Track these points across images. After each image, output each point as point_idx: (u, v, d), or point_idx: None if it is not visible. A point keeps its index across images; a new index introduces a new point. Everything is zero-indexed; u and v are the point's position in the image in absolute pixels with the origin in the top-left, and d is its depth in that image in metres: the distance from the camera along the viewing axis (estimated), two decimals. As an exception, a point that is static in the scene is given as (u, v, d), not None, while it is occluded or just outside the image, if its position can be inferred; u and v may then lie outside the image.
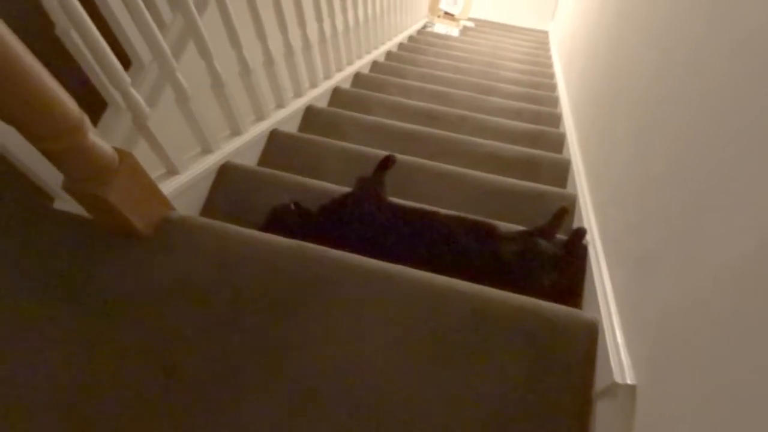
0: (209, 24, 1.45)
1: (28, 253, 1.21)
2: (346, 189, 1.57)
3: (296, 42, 2.01)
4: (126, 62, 1.38)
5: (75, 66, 1.19)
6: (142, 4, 1.14)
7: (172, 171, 1.37)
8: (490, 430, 1.01)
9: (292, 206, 1.44)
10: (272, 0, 1.76)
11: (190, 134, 1.46)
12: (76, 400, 1.03)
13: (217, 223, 1.26)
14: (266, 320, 1.12)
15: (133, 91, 1.12)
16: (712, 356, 0.63)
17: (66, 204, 1.19)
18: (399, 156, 1.88)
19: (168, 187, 1.33)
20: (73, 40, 1.06)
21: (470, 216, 1.46)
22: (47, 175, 1.13)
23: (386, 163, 1.74)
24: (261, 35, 1.70)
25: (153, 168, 1.30)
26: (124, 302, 1.14)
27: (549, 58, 4.71)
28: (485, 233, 1.43)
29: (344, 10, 2.55)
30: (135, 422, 1.02)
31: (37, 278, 1.17)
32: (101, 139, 0.97)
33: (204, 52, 1.40)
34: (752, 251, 0.59)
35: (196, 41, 1.38)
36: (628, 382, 0.90)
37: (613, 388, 0.93)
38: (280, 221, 1.40)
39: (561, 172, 2.12)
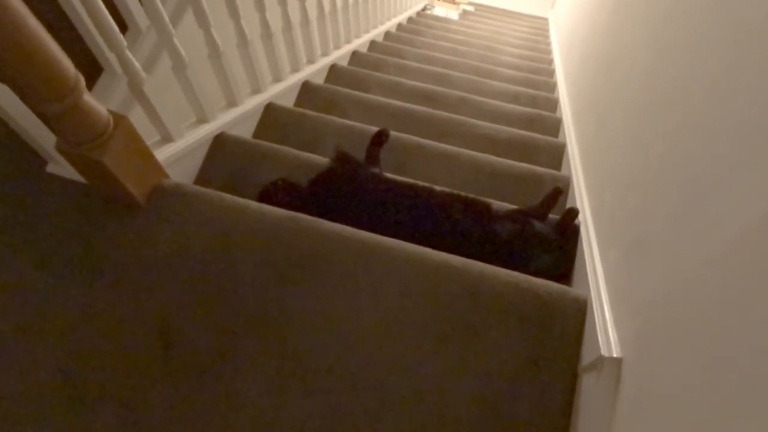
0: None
1: (23, 219, 1.20)
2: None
3: (295, 16, 2.00)
4: (123, 27, 1.37)
5: (71, 27, 1.18)
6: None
7: (166, 138, 1.36)
8: (484, 405, 1.03)
9: (280, 183, 1.44)
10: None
11: (186, 103, 1.45)
12: (76, 367, 1.04)
13: (213, 192, 1.26)
14: (262, 292, 1.12)
15: (129, 54, 1.12)
16: (701, 334, 0.64)
17: (59, 168, 1.18)
18: (396, 135, 1.88)
19: (163, 154, 1.32)
20: (70, 2, 1.05)
21: (464, 193, 1.46)
22: (42, 137, 1.12)
23: (379, 138, 1.73)
24: (260, 6, 1.69)
25: (148, 135, 1.29)
26: (121, 271, 1.14)
27: (548, 44, 4.69)
28: (480, 211, 1.43)
29: (344, -14, 2.53)
30: (133, 390, 1.03)
31: (34, 246, 1.17)
32: (96, 102, 0.96)
33: (202, 21, 1.39)
34: (744, 234, 0.60)
35: (195, 9, 1.36)
36: (615, 355, 0.91)
37: (599, 362, 0.94)
38: (269, 198, 1.40)
39: (556, 155, 2.13)
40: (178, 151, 1.38)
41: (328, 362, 1.05)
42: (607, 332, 0.98)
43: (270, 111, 1.95)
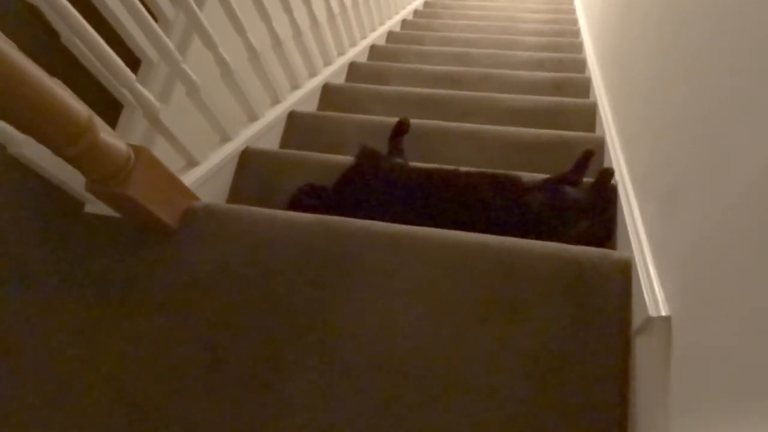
0: (212, 14, 1.46)
1: (70, 259, 1.26)
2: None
3: (303, 21, 2.01)
4: (137, 61, 1.42)
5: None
6: (139, 5, 1.16)
7: (192, 162, 1.40)
8: (535, 381, 1.01)
9: (306, 188, 1.45)
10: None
11: (206, 124, 1.48)
12: (135, 393, 1.08)
13: (241, 208, 1.29)
14: (300, 298, 1.14)
15: (139, 87, 1.15)
16: (745, 279, 0.61)
17: (96, 207, 1.23)
18: (419, 121, 1.87)
19: (190, 178, 1.36)
20: (78, 46, 1.09)
21: (491, 170, 1.44)
22: (74, 180, 1.17)
23: (400, 128, 1.73)
24: (265, 17, 1.71)
25: (174, 161, 1.33)
26: (164, 295, 1.18)
27: (571, 3, 4.56)
28: (509, 186, 1.41)
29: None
30: (190, 410, 1.06)
31: (81, 283, 1.22)
32: (113, 138, 1.00)
33: (209, 43, 1.41)
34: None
35: (200, 34, 1.39)
36: (663, 314, 0.89)
37: (649, 323, 0.91)
38: (299, 207, 1.42)
39: (588, 117, 2.07)
40: (205, 173, 1.42)
41: (372, 358, 1.06)
42: (653, 291, 0.95)
43: (293, 119, 1.98)
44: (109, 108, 1.35)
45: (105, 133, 0.96)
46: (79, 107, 0.88)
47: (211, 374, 1.08)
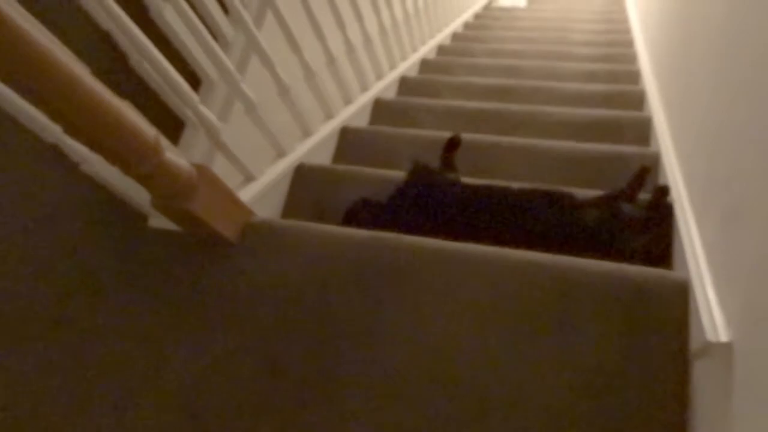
0: (269, 34, 1.51)
1: (137, 272, 1.31)
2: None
3: (356, 37, 2.04)
4: (198, 80, 1.47)
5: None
6: (202, 26, 1.21)
7: (249, 178, 1.44)
8: (590, 398, 1.00)
9: (360, 203, 1.47)
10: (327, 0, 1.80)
11: (263, 141, 1.52)
12: (195, 401, 1.12)
13: (297, 223, 1.32)
14: (355, 312, 1.16)
15: (202, 108, 1.20)
16: None
17: (159, 221, 1.28)
18: (471, 136, 1.87)
19: (247, 194, 1.40)
20: (145, 68, 1.14)
21: (544, 187, 1.44)
22: (139, 196, 1.23)
23: (452, 143, 1.73)
24: (319, 35, 1.75)
25: (232, 177, 1.38)
26: (224, 307, 1.21)
27: (624, 12, 4.48)
28: (562, 202, 1.40)
29: (402, -2, 2.55)
30: (247, 420, 1.08)
31: (148, 294, 1.27)
32: (178, 157, 1.04)
33: (266, 63, 1.46)
34: None
35: (258, 54, 1.44)
36: (722, 340, 0.86)
37: (708, 348, 0.89)
38: (353, 221, 1.44)
39: (642, 131, 2.03)
40: (261, 188, 1.46)
41: (427, 374, 1.07)
42: (711, 315, 0.92)
43: (345, 134, 2.01)
44: (172, 126, 1.40)
45: (170, 153, 1.01)
46: (146, 128, 0.93)
47: (270, 386, 1.10)
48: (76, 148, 1.12)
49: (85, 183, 1.21)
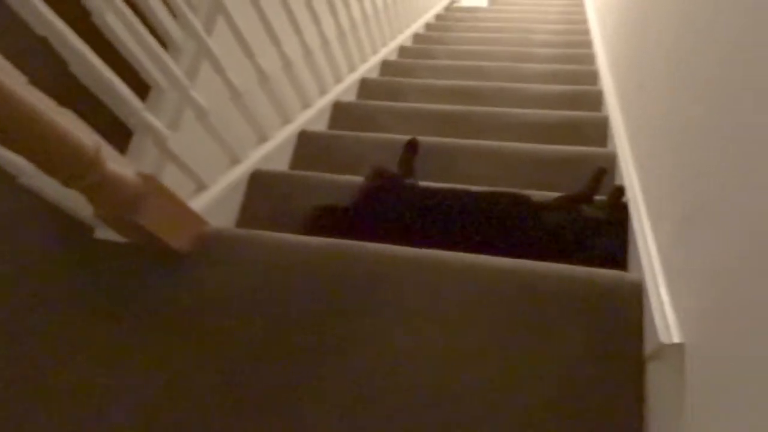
0: (221, 39, 1.47)
1: (88, 284, 1.27)
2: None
3: (313, 40, 2.02)
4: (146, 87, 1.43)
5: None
6: (146, 33, 1.18)
7: (201, 186, 1.40)
8: (558, 408, 1.00)
9: (319, 209, 1.45)
10: (281, 2, 1.77)
11: (216, 148, 1.49)
12: (153, 417, 1.08)
13: (252, 232, 1.29)
14: (315, 322, 1.14)
15: (147, 115, 1.16)
16: (760, 306, 0.59)
17: (106, 233, 1.24)
18: (433, 139, 1.87)
19: (200, 202, 1.36)
20: (84, 75, 1.10)
21: (503, 189, 1.43)
22: (81, 207, 1.18)
23: (410, 147, 1.72)
24: (274, 40, 1.72)
25: (184, 185, 1.34)
26: (180, 320, 1.18)
27: (584, 14, 4.54)
28: (524, 205, 1.40)
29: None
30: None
31: (100, 308, 1.22)
32: (123, 167, 1.01)
33: (218, 68, 1.42)
34: None
35: (209, 59, 1.40)
36: (675, 340, 0.87)
37: (661, 349, 0.89)
38: (311, 228, 1.42)
39: (601, 131, 2.05)
40: (214, 197, 1.42)
41: (390, 383, 1.05)
42: (664, 316, 0.93)
43: (303, 138, 1.98)
44: (123, 132, 1.36)
45: (114, 164, 0.97)
46: (86, 140, 0.89)
47: (229, 399, 1.07)
48: (12, 160, 1.07)
49: (30, 193, 1.16)
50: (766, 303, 0.60)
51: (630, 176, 1.47)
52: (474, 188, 1.45)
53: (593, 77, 2.77)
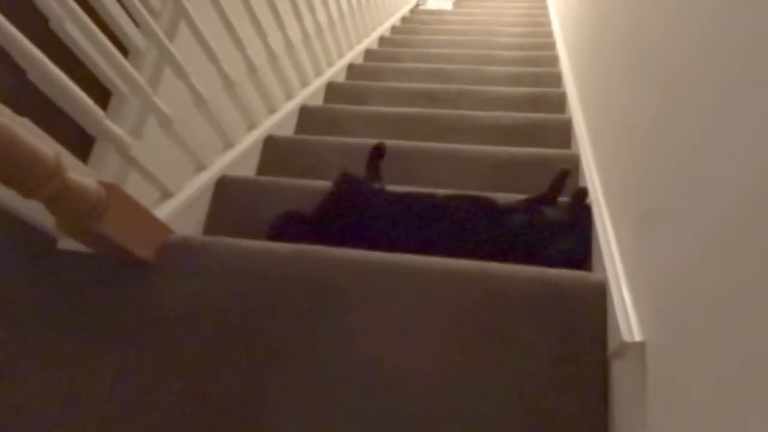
0: (184, 44, 1.46)
1: (51, 296, 1.24)
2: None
3: (277, 45, 2.01)
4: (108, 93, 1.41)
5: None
6: (105, 40, 1.16)
7: (166, 194, 1.38)
8: (524, 407, 1.01)
9: (285, 216, 1.45)
10: (245, 7, 1.76)
11: (181, 154, 1.47)
12: (117, 424, 1.07)
13: (218, 239, 1.28)
14: (282, 330, 1.13)
15: (108, 123, 1.14)
16: (721, 304, 0.61)
17: (69, 243, 1.21)
18: (398, 142, 1.87)
19: (165, 210, 1.35)
20: (43, 83, 1.08)
21: (468, 192, 1.45)
22: (44, 218, 1.16)
23: (377, 152, 1.72)
24: (239, 45, 1.71)
25: (148, 193, 1.32)
26: (145, 331, 1.16)
27: (547, 16, 4.61)
28: (488, 208, 1.41)
29: (325, 3, 2.53)
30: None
31: (64, 320, 1.20)
32: (84, 176, 0.99)
33: (181, 74, 1.41)
34: (747, 195, 0.57)
35: (171, 65, 1.39)
36: (636, 339, 0.89)
37: (624, 348, 0.91)
38: (278, 234, 1.41)
39: (564, 133, 2.09)
40: (179, 204, 1.40)
41: (358, 388, 1.05)
42: (627, 316, 0.95)
43: (270, 144, 1.97)
44: (85, 141, 1.34)
45: (74, 173, 0.95)
46: (45, 150, 0.87)
47: (196, 409, 1.06)
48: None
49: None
50: (714, 301, 0.62)
51: (593, 178, 1.50)
52: (441, 191, 1.46)
53: (557, 79, 2.81)
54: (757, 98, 0.57)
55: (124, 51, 1.34)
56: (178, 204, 1.40)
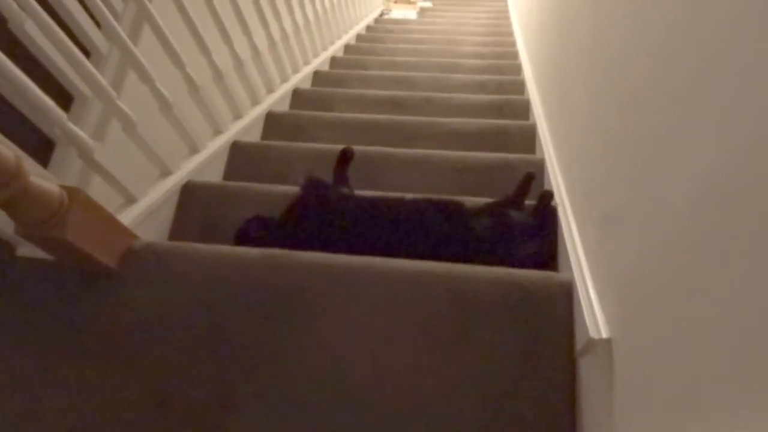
0: (148, 48, 1.44)
1: (8, 306, 1.20)
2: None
3: (244, 51, 2.00)
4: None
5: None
6: (68, 41, 1.13)
7: (130, 199, 1.36)
8: (489, 408, 1.02)
9: (252, 220, 1.43)
10: (210, 13, 1.75)
11: (146, 159, 1.45)
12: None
13: (184, 245, 1.26)
14: (249, 335, 1.12)
15: (70, 126, 1.11)
16: (681, 301, 0.63)
17: (29, 250, 1.18)
18: (364, 148, 1.87)
19: (129, 216, 1.32)
20: (1, 85, 1.05)
21: (436, 196, 1.46)
22: (4, 224, 1.12)
23: (344, 157, 1.72)
24: (204, 50, 1.69)
25: (112, 198, 1.29)
26: (107, 341, 1.13)
27: (510, 26, 4.69)
28: (452, 212, 1.42)
29: (291, 11, 2.53)
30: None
31: (22, 332, 1.16)
32: (45, 180, 0.96)
33: (145, 78, 1.39)
34: (701, 196, 0.59)
35: (135, 68, 1.37)
36: (603, 336, 0.90)
37: (591, 345, 0.93)
38: (245, 239, 1.40)
39: (528, 138, 2.12)
40: (144, 209, 1.38)
41: (326, 391, 1.05)
42: (593, 314, 0.97)
43: (236, 149, 1.95)
44: (45, 144, 1.30)
45: (36, 177, 0.93)
46: (5, 152, 0.85)
47: (159, 419, 1.04)
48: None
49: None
50: (672, 298, 0.64)
51: (557, 181, 1.53)
52: (408, 196, 1.46)
53: (520, 87, 2.86)
54: (709, 107, 0.60)
55: (86, 53, 1.31)
56: (143, 209, 1.37)
